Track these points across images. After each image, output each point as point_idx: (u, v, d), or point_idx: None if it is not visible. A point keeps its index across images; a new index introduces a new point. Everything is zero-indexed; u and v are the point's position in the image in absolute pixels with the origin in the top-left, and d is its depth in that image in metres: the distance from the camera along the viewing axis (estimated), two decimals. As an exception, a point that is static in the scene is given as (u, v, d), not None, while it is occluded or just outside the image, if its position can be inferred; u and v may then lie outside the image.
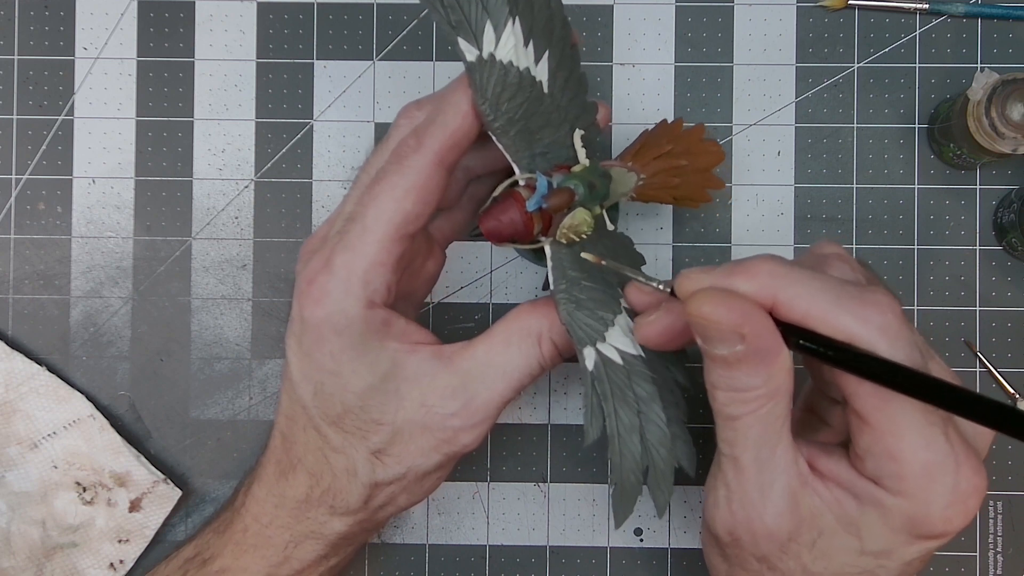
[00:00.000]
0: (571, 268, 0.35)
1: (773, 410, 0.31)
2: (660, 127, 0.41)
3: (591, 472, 0.47)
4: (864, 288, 0.30)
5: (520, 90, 0.34)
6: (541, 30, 0.34)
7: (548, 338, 0.36)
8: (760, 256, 0.31)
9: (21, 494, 0.46)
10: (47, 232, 0.47)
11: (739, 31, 0.47)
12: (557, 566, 0.47)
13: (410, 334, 0.36)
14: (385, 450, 0.36)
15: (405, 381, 0.35)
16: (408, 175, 0.34)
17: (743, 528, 0.32)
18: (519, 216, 0.34)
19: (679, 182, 0.40)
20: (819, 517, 0.31)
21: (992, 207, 0.46)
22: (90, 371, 0.47)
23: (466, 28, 0.33)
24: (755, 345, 0.29)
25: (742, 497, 0.32)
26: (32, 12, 0.47)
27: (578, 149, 0.36)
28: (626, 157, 0.40)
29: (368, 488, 0.36)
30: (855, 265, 0.33)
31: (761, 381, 0.30)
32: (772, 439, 0.31)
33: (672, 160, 0.40)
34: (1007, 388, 0.46)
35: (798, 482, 0.31)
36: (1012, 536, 0.46)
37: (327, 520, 0.37)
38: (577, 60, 0.36)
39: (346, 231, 0.34)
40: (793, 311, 0.29)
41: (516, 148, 0.34)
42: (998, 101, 0.41)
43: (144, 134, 0.47)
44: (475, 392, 0.35)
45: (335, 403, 0.35)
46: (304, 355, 0.35)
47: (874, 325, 0.29)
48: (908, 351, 0.29)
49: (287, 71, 0.47)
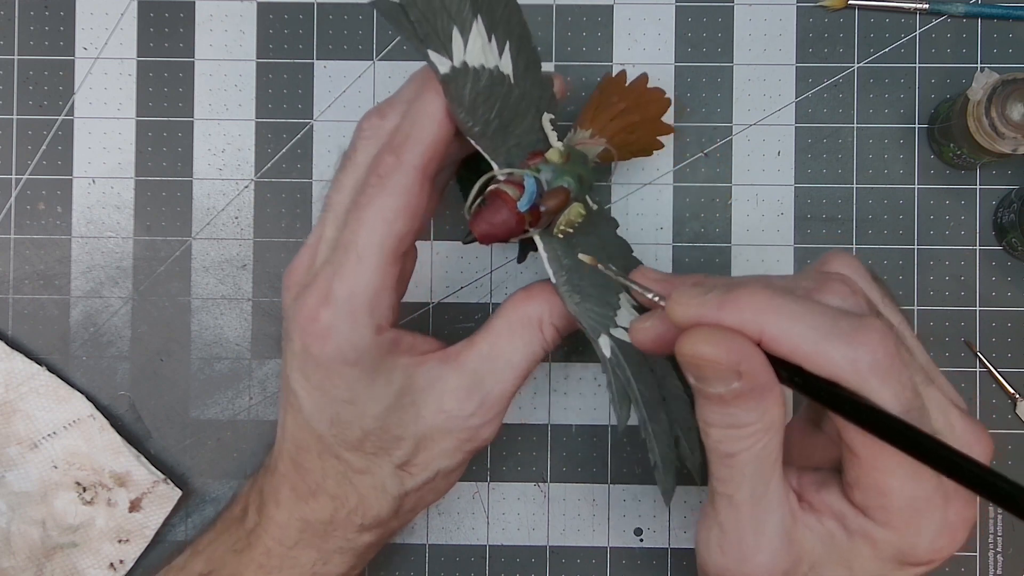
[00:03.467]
0: (565, 256, 0.35)
1: (768, 444, 0.30)
2: (606, 83, 0.41)
3: (591, 472, 0.47)
4: (857, 322, 0.28)
5: (493, 92, 0.34)
6: (499, 21, 0.34)
7: (549, 323, 0.36)
8: (751, 284, 0.30)
9: (21, 494, 0.46)
10: (47, 232, 0.47)
11: (739, 31, 0.47)
12: (557, 566, 0.47)
13: (417, 346, 0.36)
14: (410, 461, 0.36)
15: (420, 392, 0.35)
16: (395, 195, 0.33)
17: (735, 568, 0.31)
18: (511, 217, 0.34)
19: (635, 137, 0.41)
20: (810, 551, 0.31)
21: (992, 207, 0.46)
22: (90, 371, 0.47)
23: (435, 39, 0.32)
24: (751, 382, 0.29)
25: (737, 537, 0.31)
26: (32, 12, 0.47)
27: (548, 133, 0.36)
28: (583, 124, 0.40)
29: (398, 500, 0.36)
30: (857, 287, 0.31)
31: (757, 416, 0.29)
32: (767, 474, 0.30)
33: (627, 117, 0.40)
34: (1007, 388, 0.46)
35: (790, 518, 0.31)
36: (1012, 536, 0.46)
37: (356, 536, 0.37)
38: (529, 37, 0.35)
39: (339, 261, 0.33)
40: (780, 346, 0.28)
41: (494, 147, 0.34)
42: (998, 101, 0.41)
43: (144, 134, 0.47)
44: (488, 388, 0.36)
45: (354, 429, 0.35)
46: (315, 389, 0.34)
47: (863, 364, 0.28)
48: (897, 391, 0.28)
49: (287, 71, 0.47)
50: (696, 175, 0.47)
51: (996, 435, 0.46)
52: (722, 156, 0.47)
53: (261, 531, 0.38)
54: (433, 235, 0.47)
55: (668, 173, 0.47)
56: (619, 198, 0.47)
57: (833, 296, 0.30)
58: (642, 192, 0.47)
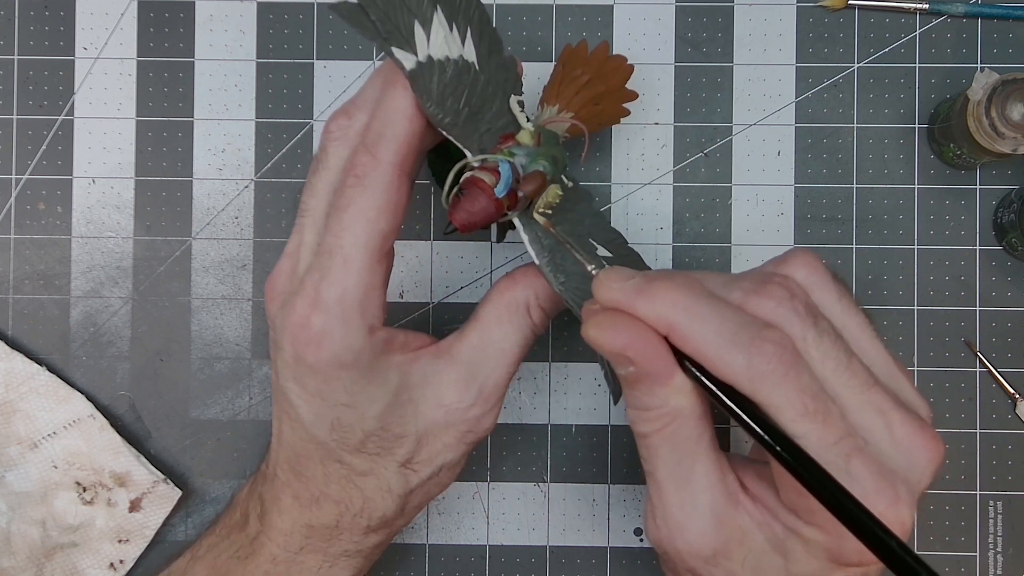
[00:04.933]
0: (545, 236, 0.36)
1: (679, 431, 0.30)
2: (567, 56, 0.41)
3: (591, 472, 0.47)
4: (757, 331, 0.29)
5: (460, 81, 0.34)
6: (459, 9, 0.34)
7: (536, 306, 0.36)
8: (674, 279, 0.30)
9: (21, 494, 0.46)
10: (47, 232, 0.47)
11: (739, 31, 0.47)
12: (557, 566, 0.47)
13: (409, 343, 0.36)
14: (413, 458, 0.36)
15: (416, 389, 0.35)
16: (375, 194, 0.32)
17: (668, 543, 0.32)
18: (490, 204, 0.33)
19: (601, 108, 0.41)
20: (749, 536, 0.31)
21: (992, 207, 0.46)
22: (90, 371, 0.47)
23: (398, 36, 0.32)
24: (643, 369, 0.30)
25: (664, 512, 0.32)
26: (32, 12, 0.47)
27: (517, 115, 0.36)
28: (550, 100, 0.40)
29: (403, 498, 0.36)
30: (798, 291, 0.31)
31: (659, 402, 0.30)
32: (686, 458, 0.31)
33: (593, 88, 0.40)
34: (1007, 388, 0.46)
35: (725, 500, 0.31)
36: (1012, 536, 0.46)
37: (362, 538, 0.37)
38: (488, 21, 0.35)
39: (325, 265, 0.33)
40: (686, 344, 0.29)
41: (466, 135, 0.34)
42: (998, 101, 0.41)
43: (144, 134, 0.47)
44: (484, 377, 0.36)
45: (355, 432, 0.35)
46: (312, 396, 0.34)
47: (756, 372, 0.28)
48: (792, 397, 0.28)
49: (287, 71, 0.47)
50: (696, 175, 0.47)
51: (996, 435, 0.46)
52: (722, 156, 0.47)
53: (265, 538, 0.37)
54: (433, 235, 0.47)
55: (668, 173, 0.47)
56: (619, 198, 0.47)
57: (768, 300, 0.30)
58: (642, 192, 0.47)
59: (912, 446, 0.30)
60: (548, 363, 0.47)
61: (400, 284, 0.47)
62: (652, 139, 0.47)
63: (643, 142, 0.47)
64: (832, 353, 0.30)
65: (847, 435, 0.29)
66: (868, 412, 0.30)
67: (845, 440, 0.29)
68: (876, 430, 0.30)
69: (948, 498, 0.46)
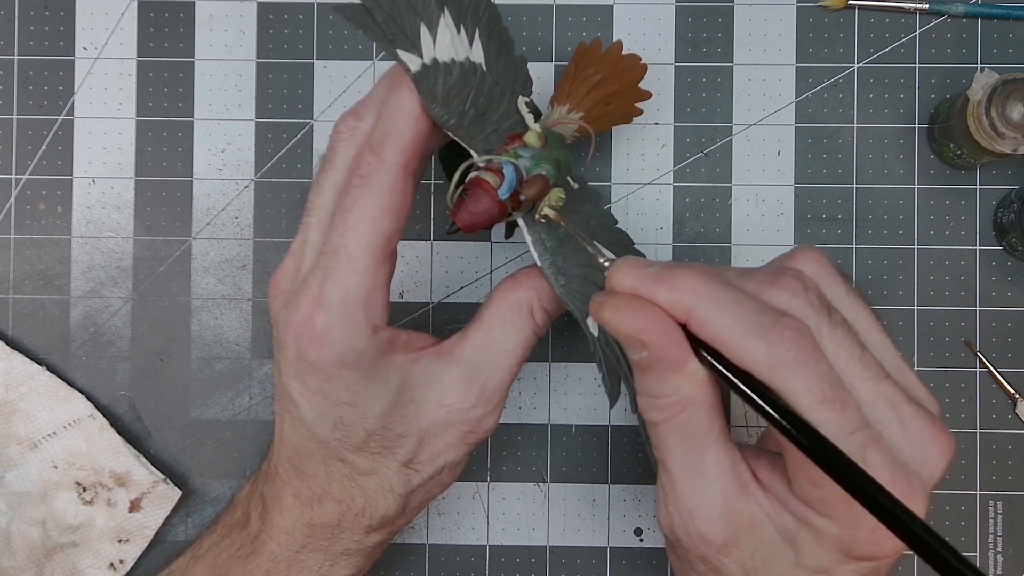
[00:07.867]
0: (548, 238, 0.36)
1: (690, 419, 0.31)
2: (580, 53, 0.41)
3: (591, 472, 0.47)
4: (777, 319, 0.29)
5: (466, 83, 0.34)
6: (467, 10, 0.34)
7: (539, 307, 0.36)
8: (691, 268, 0.30)
9: (21, 494, 0.46)
10: (47, 232, 0.47)
11: (739, 31, 0.47)
12: (557, 566, 0.47)
13: (412, 343, 0.36)
14: (415, 458, 0.36)
15: (418, 388, 0.35)
16: (379, 194, 0.33)
17: (680, 529, 0.32)
18: (493, 206, 0.34)
19: (613, 107, 0.40)
20: (760, 526, 0.31)
21: (992, 207, 0.46)
22: (90, 371, 0.47)
23: (403, 38, 0.32)
24: (656, 354, 0.30)
25: (675, 500, 0.32)
26: (32, 12, 0.47)
27: (525, 115, 0.36)
28: (561, 99, 0.40)
29: (405, 497, 0.36)
30: (811, 283, 0.31)
31: (671, 389, 0.30)
32: (697, 447, 0.31)
33: (605, 88, 0.40)
34: (1007, 388, 0.46)
35: (736, 490, 0.31)
36: (1012, 536, 0.46)
37: (363, 537, 0.37)
38: (499, 19, 0.35)
39: (329, 264, 0.33)
40: (705, 331, 0.29)
41: (471, 136, 0.34)
42: (998, 101, 0.41)
43: (144, 134, 0.47)
44: (486, 378, 0.36)
45: (357, 431, 0.35)
46: (315, 394, 0.34)
47: (775, 359, 0.28)
48: (811, 385, 0.28)
49: (287, 71, 0.47)
50: (696, 175, 0.47)
51: (996, 435, 0.46)
52: (722, 156, 0.47)
53: (266, 537, 0.37)
54: (433, 235, 0.47)
55: (668, 173, 0.47)
56: (619, 198, 0.47)
57: (782, 291, 0.30)
58: (642, 192, 0.47)
59: (924, 440, 0.30)
60: (548, 363, 0.47)
61: (400, 284, 0.47)
62: (652, 139, 0.47)
63: (643, 142, 0.47)
64: (845, 344, 0.30)
65: (864, 425, 0.29)
66: (880, 404, 0.30)
67: (862, 430, 0.29)
68: (888, 423, 0.30)
69: (948, 498, 0.46)
